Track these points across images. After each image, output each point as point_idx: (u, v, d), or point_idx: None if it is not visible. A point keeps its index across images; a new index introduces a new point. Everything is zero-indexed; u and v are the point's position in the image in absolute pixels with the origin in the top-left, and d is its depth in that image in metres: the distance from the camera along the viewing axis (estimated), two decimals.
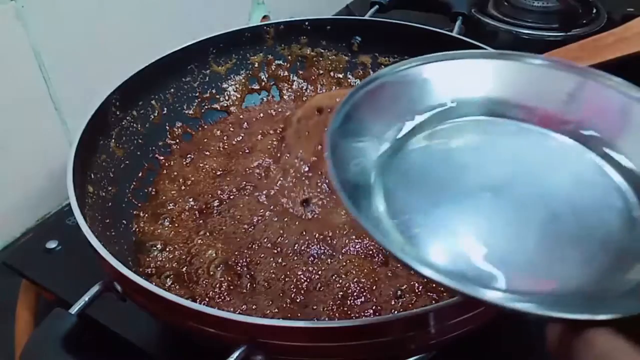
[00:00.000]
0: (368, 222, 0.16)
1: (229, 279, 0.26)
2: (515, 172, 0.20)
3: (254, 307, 0.25)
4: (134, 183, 0.32)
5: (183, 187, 0.32)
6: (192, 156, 0.34)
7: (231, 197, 0.31)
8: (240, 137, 0.36)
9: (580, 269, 0.17)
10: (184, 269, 0.27)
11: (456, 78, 0.22)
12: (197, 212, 0.30)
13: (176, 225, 0.30)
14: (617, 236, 0.18)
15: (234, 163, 0.33)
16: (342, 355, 0.21)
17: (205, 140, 0.36)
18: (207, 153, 0.35)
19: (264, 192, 0.31)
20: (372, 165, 0.20)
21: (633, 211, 0.18)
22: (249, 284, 0.26)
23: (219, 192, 0.31)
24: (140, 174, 0.32)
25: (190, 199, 0.31)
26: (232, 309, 0.25)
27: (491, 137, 0.21)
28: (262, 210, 0.30)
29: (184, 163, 0.34)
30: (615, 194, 0.19)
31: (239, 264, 0.27)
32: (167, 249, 0.28)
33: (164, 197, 0.31)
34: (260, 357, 0.20)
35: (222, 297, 0.26)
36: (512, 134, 0.21)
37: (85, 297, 0.22)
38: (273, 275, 0.26)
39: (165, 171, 0.33)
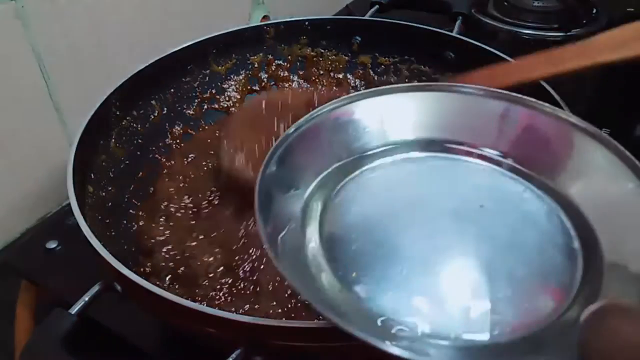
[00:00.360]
0: (304, 288, 0.15)
1: (230, 279, 0.26)
2: (451, 211, 0.19)
3: (256, 307, 0.25)
4: (134, 183, 0.32)
5: (183, 187, 0.32)
6: (193, 156, 0.34)
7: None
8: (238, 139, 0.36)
9: (520, 312, 0.16)
10: (184, 269, 0.27)
11: (387, 115, 0.22)
12: (197, 212, 0.30)
13: (176, 225, 0.30)
14: (558, 272, 0.17)
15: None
16: (342, 356, 0.21)
17: (205, 140, 0.36)
18: (208, 153, 0.35)
19: None
20: (304, 212, 0.19)
21: (573, 243, 0.18)
22: (251, 286, 0.26)
23: (219, 192, 0.31)
24: (140, 174, 0.32)
25: (190, 199, 0.31)
26: (233, 309, 0.25)
27: (424, 174, 0.21)
28: None
29: (184, 163, 0.34)
30: (555, 226, 0.19)
31: (239, 265, 0.27)
32: (167, 249, 0.28)
33: (163, 197, 0.31)
34: (260, 357, 0.20)
35: (224, 298, 0.26)
36: (446, 169, 0.21)
37: (85, 297, 0.22)
38: (278, 278, 0.26)
39: (165, 171, 0.33)
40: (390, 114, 0.22)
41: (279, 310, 0.25)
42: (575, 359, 0.13)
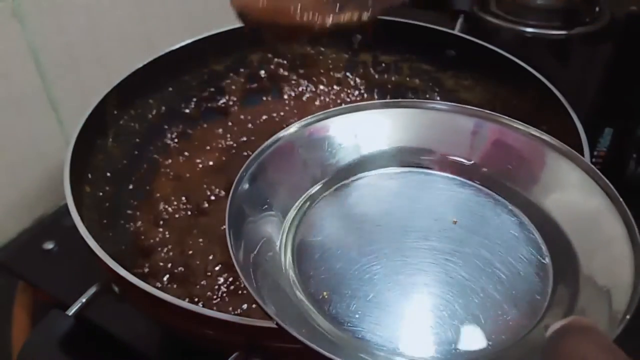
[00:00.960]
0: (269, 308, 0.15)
1: (230, 278, 0.26)
2: (424, 227, 0.19)
3: (254, 306, 0.25)
4: (131, 183, 0.32)
5: (180, 187, 0.32)
6: (190, 155, 0.34)
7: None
8: (240, 136, 0.36)
9: (489, 329, 0.16)
10: (182, 268, 0.27)
11: (361, 131, 0.22)
12: (194, 211, 0.30)
13: (174, 225, 0.30)
14: (528, 288, 0.17)
15: (233, 162, 0.33)
16: None
17: (204, 139, 0.36)
18: (206, 152, 0.35)
19: None
20: (277, 229, 0.19)
21: (544, 259, 0.18)
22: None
23: (217, 191, 0.31)
24: (137, 174, 0.32)
25: (188, 199, 0.31)
26: (230, 308, 0.25)
27: (398, 190, 0.21)
28: None
29: (182, 162, 0.34)
30: (527, 241, 0.19)
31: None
32: (165, 249, 0.28)
33: (161, 197, 0.31)
34: (258, 359, 0.20)
35: (221, 297, 0.26)
36: (419, 185, 0.21)
37: (82, 299, 0.22)
38: None
39: (162, 170, 0.33)
40: (364, 131, 0.22)
41: None
42: None
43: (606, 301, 0.16)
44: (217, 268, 0.27)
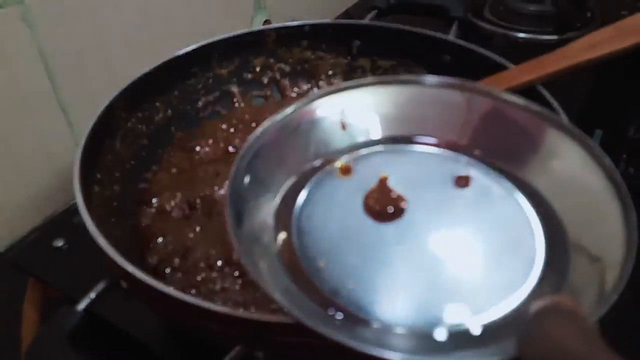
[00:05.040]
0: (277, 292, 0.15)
1: (234, 272, 0.27)
2: (419, 203, 0.19)
3: (257, 295, 0.25)
4: (139, 183, 0.32)
5: (187, 186, 0.32)
6: (196, 155, 0.35)
7: None
8: (244, 135, 0.36)
9: (480, 302, 0.16)
10: (188, 264, 0.28)
11: (352, 111, 0.21)
12: (200, 209, 0.31)
13: (181, 224, 0.30)
14: (520, 263, 0.17)
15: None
16: (341, 352, 0.21)
17: (209, 139, 0.36)
18: (211, 152, 0.35)
19: None
20: (277, 213, 0.19)
21: (535, 232, 0.18)
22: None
23: (222, 190, 0.32)
24: (145, 175, 0.33)
25: (194, 197, 0.31)
26: (241, 298, 0.25)
27: (393, 167, 0.21)
28: None
29: (188, 162, 0.34)
30: (519, 215, 0.19)
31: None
32: (172, 247, 0.29)
33: (169, 197, 0.32)
34: (261, 353, 0.20)
35: (223, 290, 0.26)
36: (413, 161, 0.21)
37: (91, 294, 0.23)
38: None
39: (169, 170, 0.34)
40: (356, 110, 0.22)
41: None
42: (514, 357, 0.13)
43: (597, 279, 0.16)
44: (219, 263, 0.28)
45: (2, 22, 0.31)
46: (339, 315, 0.16)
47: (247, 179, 0.19)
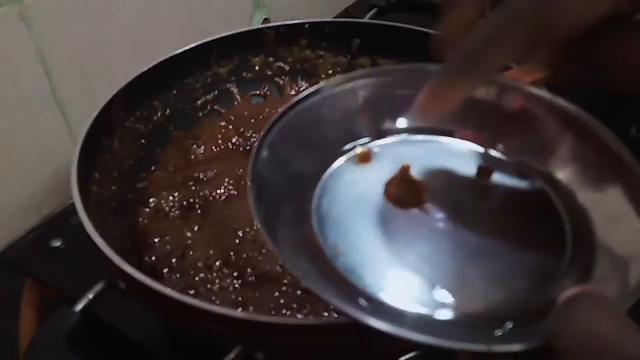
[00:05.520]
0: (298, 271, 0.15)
1: (233, 273, 0.27)
2: (441, 192, 0.19)
3: (257, 294, 0.25)
4: (137, 183, 0.32)
5: (187, 187, 0.32)
6: (195, 155, 0.35)
7: (231, 194, 0.31)
8: (243, 133, 0.36)
9: (501, 290, 0.16)
10: (187, 264, 0.28)
11: (378, 98, 0.21)
12: (199, 208, 0.31)
13: (179, 224, 0.30)
14: (545, 253, 0.17)
15: (238, 159, 0.34)
16: (341, 352, 0.21)
17: (208, 138, 0.36)
18: (210, 151, 0.35)
19: None
20: (301, 193, 0.19)
21: (561, 227, 0.18)
22: (252, 278, 0.27)
23: (220, 190, 0.32)
24: (143, 174, 0.33)
25: (193, 196, 0.31)
26: (240, 298, 0.25)
27: (417, 157, 0.20)
28: None
29: (187, 161, 0.34)
30: (544, 207, 0.18)
31: (240, 259, 0.27)
32: (170, 247, 0.29)
33: (167, 197, 0.32)
34: (260, 354, 0.20)
35: (223, 290, 0.26)
36: (440, 152, 0.21)
37: (89, 295, 0.22)
38: (278, 269, 0.27)
39: (168, 169, 0.34)
40: (380, 98, 0.21)
41: (282, 301, 0.25)
42: (543, 345, 0.13)
43: (623, 274, 0.15)
44: (218, 263, 0.27)
45: (1, 21, 0.31)
46: (362, 296, 0.16)
47: (268, 159, 0.19)
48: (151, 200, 0.31)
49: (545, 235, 0.18)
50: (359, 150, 0.21)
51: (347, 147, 0.21)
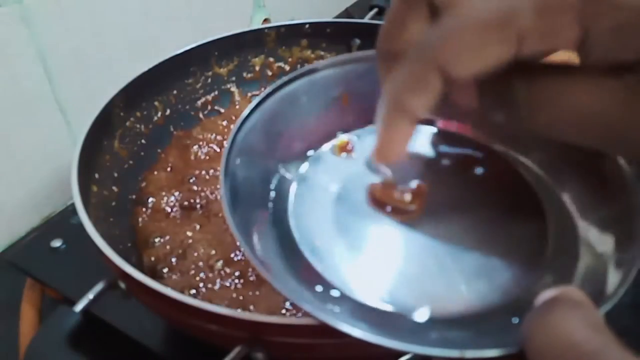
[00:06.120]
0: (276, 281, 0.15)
1: (235, 272, 0.27)
2: (432, 183, 0.19)
3: (257, 293, 0.25)
4: (137, 183, 0.32)
5: (187, 187, 0.32)
6: (194, 154, 0.35)
7: None
8: None
9: (480, 288, 0.16)
10: (187, 263, 0.28)
11: (357, 85, 0.20)
12: (199, 208, 0.31)
13: (179, 223, 0.30)
14: (526, 252, 0.17)
15: None
16: (341, 352, 0.21)
17: (207, 138, 0.36)
18: (209, 151, 0.35)
19: None
20: (276, 192, 0.18)
21: (544, 222, 0.17)
22: (253, 277, 0.27)
23: (218, 189, 0.32)
24: (143, 174, 0.33)
25: (192, 196, 0.31)
26: (241, 297, 0.25)
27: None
28: None
29: (186, 161, 0.34)
30: (528, 203, 0.18)
31: (242, 259, 0.27)
32: (170, 247, 0.29)
33: (167, 197, 0.32)
34: (261, 353, 0.20)
35: (227, 290, 0.26)
36: (421, 143, 0.20)
37: (90, 295, 0.22)
38: None
39: (167, 170, 0.34)
40: (359, 85, 0.21)
41: (282, 301, 0.25)
42: (517, 347, 0.13)
43: (604, 274, 0.15)
44: (219, 263, 0.27)
45: (1, 21, 0.31)
46: (335, 293, 0.16)
47: (242, 154, 0.18)
48: (151, 200, 0.31)
49: (528, 230, 0.18)
50: (337, 140, 0.20)
51: (326, 137, 0.20)
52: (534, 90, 0.14)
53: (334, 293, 0.16)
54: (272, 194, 0.19)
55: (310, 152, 0.20)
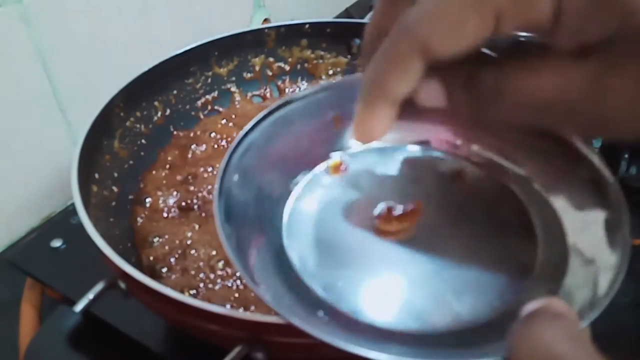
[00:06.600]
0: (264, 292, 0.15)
1: (235, 273, 0.27)
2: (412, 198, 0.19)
3: (252, 294, 0.25)
4: (137, 183, 0.32)
5: (186, 187, 0.33)
6: (194, 154, 0.35)
7: None
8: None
9: (470, 302, 0.16)
10: (187, 263, 0.28)
11: (349, 107, 0.20)
12: (198, 208, 0.31)
13: (179, 223, 0.30)
14: (514, 265, 0.17)
15: None
16: (345, 353, 0.21)
17: (207, 139, 0.36)
18: (209, 151, 0.35)
19: None
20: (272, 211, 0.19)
21: (532, 232, 0.18)
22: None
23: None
24: (143, 174, 0.33)
25: (192, 196, 0.32)
26: (242, 299, 0.25)
27: (388, 165, 0.20)
28: None
29: (186, 161, 0.34)
30: (522, 222, 0.18)
31: None
32: (170, 247, 0.29)
33: (167, 197, 0.32)
34: (261, 354, 0.20)
35: (227, 290, 0.26)
36: (412, 159, 0.21)
37: (90, 295, 0.22)
38: None
39: (167, 170, 0.34)
40: (351, 108, 0.20)
41: None
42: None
43: (590, 282, 0.15)
44: (219, 264, 0.27)
45: (1, 21, 0.31)
46: (322, 314, 0.16)
47: (237, 174, 0.19)
48: (149, 200, 0.31)
49: (518, 242, 0.18)
50: (330, 161, 0.21)
51: (320, 158, 0.21)
52: (502, 78, 0.14)
53: (321, 313, 0.16)
54: (267, 213, 0.19)
55: (304, 173, 0.21)
